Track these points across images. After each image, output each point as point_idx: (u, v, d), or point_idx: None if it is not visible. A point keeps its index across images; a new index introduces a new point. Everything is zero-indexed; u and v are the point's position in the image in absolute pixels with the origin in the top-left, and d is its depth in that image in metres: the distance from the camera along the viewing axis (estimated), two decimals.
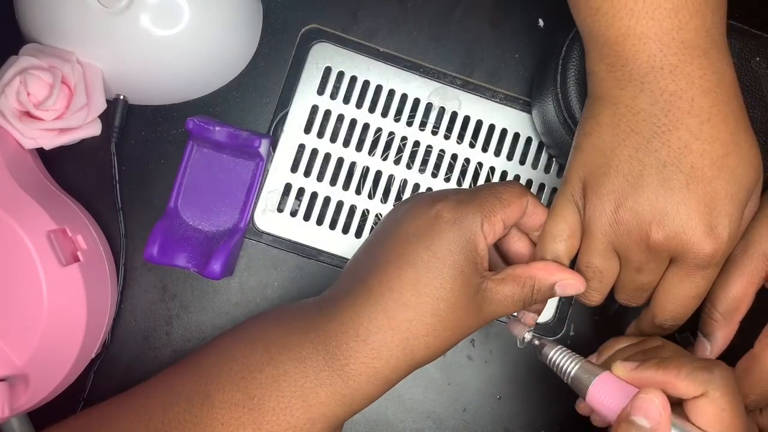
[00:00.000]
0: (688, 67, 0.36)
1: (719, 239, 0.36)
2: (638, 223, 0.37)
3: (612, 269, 0.40)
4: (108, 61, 0.46)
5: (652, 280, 0.40)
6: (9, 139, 0.44)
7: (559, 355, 0.39)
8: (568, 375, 0.38)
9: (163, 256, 0.47)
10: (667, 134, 0.36)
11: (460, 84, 0.52)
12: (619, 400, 0.35)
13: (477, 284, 0.37)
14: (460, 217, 0.37)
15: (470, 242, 0.37)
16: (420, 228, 0.37)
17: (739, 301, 0.42)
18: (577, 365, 0.38)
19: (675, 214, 0.36)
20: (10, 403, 0.41)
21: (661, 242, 0.37)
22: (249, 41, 0.50)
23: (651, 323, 0.42)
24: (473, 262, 0.37)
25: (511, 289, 0.38)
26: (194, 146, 0.48)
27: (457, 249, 0.37)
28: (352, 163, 0.51)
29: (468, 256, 0.37)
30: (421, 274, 0.36)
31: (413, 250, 0.37)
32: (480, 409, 0.51)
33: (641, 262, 0.38)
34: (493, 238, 0.38)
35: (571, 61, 0.44)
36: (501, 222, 0.38)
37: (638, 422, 0.34)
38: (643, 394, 0.34)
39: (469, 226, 0.37)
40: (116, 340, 0.49)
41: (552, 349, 0.39)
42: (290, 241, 0.51)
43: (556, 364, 0.39)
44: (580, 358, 0.38)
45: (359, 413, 0.50)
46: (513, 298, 0.38)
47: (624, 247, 0.38)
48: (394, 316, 0.36)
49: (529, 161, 0.52)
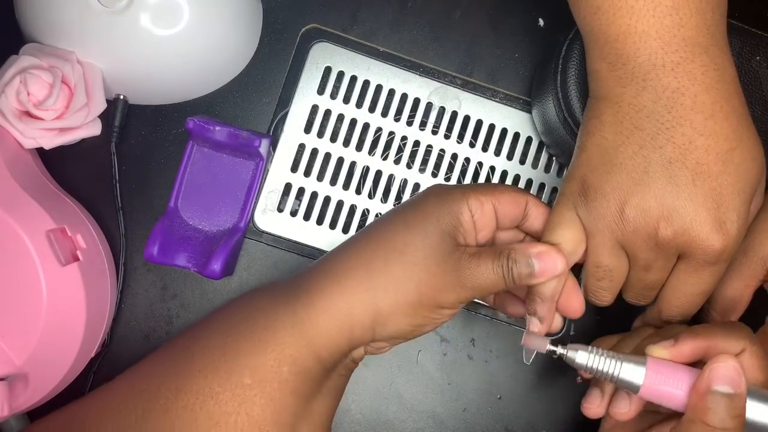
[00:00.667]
0: (690, 65, 0.36)
1: (728, 234, 0.36)
2: (645, 220, 0.37)
3: (621, 267, 0.39)
4: (108, 61, 0.46)
5: (660, 278, 0.39)
6: (9, 139, 0.44)
7: (595, 359, 0.37)
8: (613, 376, 0.37)
9: (163, 256, 0.47)
10: (671, 131, 0.36)
11: (460, 84, 0.52)
12: (680, 383, 0.35)
13: (453, 246, 0.37)
14: (447, 191, 0.39)
15: (453, 210, 0.38)
16: (409, 200, 0.40)
17: (736, 302, 0.42)
18: (620, 364, 0.36)
19: (683, 210, 0.36)
20: (9, 402, 0.41)
21: (669, 239, 0.36)
22: (249, 41, 0.50)
23: (658, 318, 0.41)
24: (453, 226, 0.38)
25: (488, 257, 0.37)
26: (194, 146, 0.48)
27: (438, 211, 0.38)
28: (352, 163, 0.51)
29: (449, 220, 0.38)
30: (398, 226, 0.38)
31: (396, 211, 0.40)
32: (480, 409, 0.51)
33: (649, 260, 0.38)
34: (483, 218, 0.38)
35: (572, 61, 0.44)
36: (491, 204, 0.39)
37: (722, 390, 0.34)
38: (720, 362, 0.35)
39: (455, 196, 0.38)
40: (116, 339, 0.49)
41: (585, 355, 0.37)
42: (290, 241, 0.51)
43: (596, 369, 0.37)
44: (613, 354, 0.37)
45: (359, 413, 0.50)
46: (489, 267, 0.37)
47: (631, 245, 0.38)
48: (367, 259, 0.38)
49: (529, 161, 0.52)
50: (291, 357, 0.37)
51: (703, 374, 0.35)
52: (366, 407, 0.50)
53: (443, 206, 0.38)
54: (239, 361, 0.38)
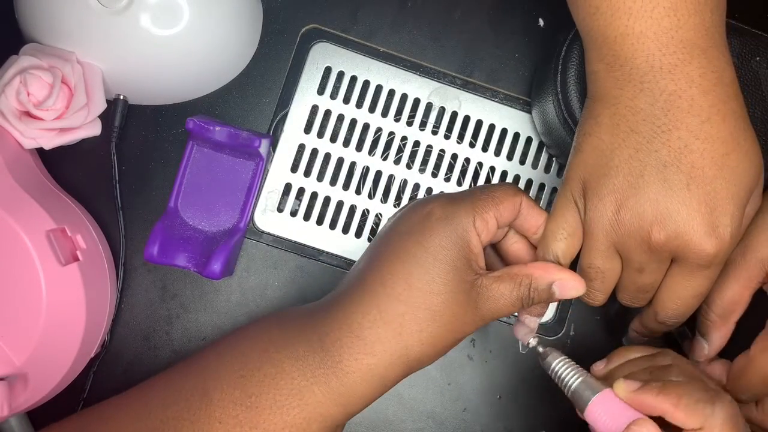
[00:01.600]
0: (687, 67, 0.36)
1: (721, 239, 0.36)
2: (639, 223, 0.37)
3: (614, 270, 0.40)
4: (108, 61, 0.46)
5: (653, 280, 0.39)
6: (9, 139, 0.44)
7: (561, 367, 0.39)
8: (568, 388, 0.38)
9: (163, 256, 0.47)
10: (667, 134, 0.36)
11: (460, 84, 0.52)
12: (616, 421, 0.35)
13: (471, 280, 0.37)
14: (451, 214, 0.37)
15: (462, 238, 0.37)
16: (412, 226, 0.38)
17: (734, 304, 0.42)
18: (578, 379, 0.38)
19: (676, 215, 0.36)
20: (9, 402, 0.41)
21: (662, 243, 0.37)
22: (249, 41, 0.50)
23: (653, 320, 0.42)
24: (466, 258, 0.37)
25: (508, 287, 0.37)
26: (194, 146, 0.48)
27: (449, 244, 0.36)
28: (352, 163, 0.51)
29: (460, 252, 0.37)
30: (413, 268, 0.36)
31: (405, 246, 0.37)
32: (480, 409, 0.51)
33: (643, 263, 0.38)
34: (488, 235, 0.38)
35: (571, 61, 0.44)
36: (494, 219, 0.38)
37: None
38: (635, 427, 0.34)
39: (461, 222, 0.37)
40: (116, 340, 0.49)
41: (555, 360, 0.39)
42: (290, 241, 0.51)
43: (558, 375, 0.39)
44: (582, 371, 0.38)
45: (359, 413, 0.50)
46: (510, 297, 0.37)
47: (625, 248, 0.38)
48: (386, 309, 0.36)
49: (529, 161, 0.52)
50: (321, 416, 0.36)
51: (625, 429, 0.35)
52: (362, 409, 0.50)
53: (450, 238, 0.37)
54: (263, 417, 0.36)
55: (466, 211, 0.37)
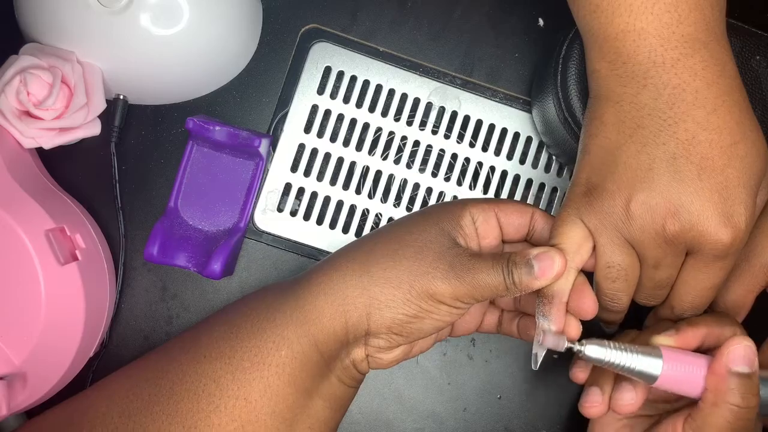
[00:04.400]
0: (690, 60, 0.36)
1: (736, 228, 0.36)
2: (652, 217, 0.36)
3: (634, 265, 0.39)
4: (108, 61, 0.46)
5: (670, 275, 0.39)
6: (9, 139, 0.44)
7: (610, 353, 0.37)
8: (629, 368, 0.37)
9: (163, 256, 0.47)
10: (673, 127, 0.36)
11: (460, 83, 0.52)
12: (695, 368, 0.37)
13: (452, 241, 0.38)
14: (449, 202, 0.40)
15: (455, 214, 0.39)
16: (412, 213, 0.42)
17: (738, 307, 0.42)
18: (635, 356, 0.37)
19: (690, 206, 0.36)
20: (8, 401, 0.41)
21: (677, 235, 0.36)
22: (249, 41, 0.50)
23: (670, 314, 0.41)
24: (452, 227, 0.39)
25: (487, 256, 0.37)
26: (194, 146, 0.48)
27: (441, 213, 0.39)
28: (352, 163, 0.51)
29: (450, 222, 0.39)
30: (402, 226, 0.40)
31: (405, 216, 0.42)
32: (480, 409, 0.51)
33: (658, 258, 0.38)
34: (484, 224, 0.39)
35: (572, 60, 0.44)
36: (493, 213, 0.39)
37: (741, 371, 0.36)
38: (737, 344, 0.37)
39: (457, 203, 0.40)
40: (116, 339, 0.49)
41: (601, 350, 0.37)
42: (290, 240, 0.51)
43: (611, 363, 0.37)
44: (625, 347, 0.37)
45: (359, 413, 0.50)
46: (488, 265, 0.37)
47: (639, 244, 0.37)
48: (362, 248, 0.39)
49: (529, 161, 0.52)
50: (288, 339, 0.38)
51: (720, 357, 0.37)
52: (366, 407, 0.50)
53: (445, 210, 0.39)
54: (242, 344, 0.39)
55: (464, 200, 0.40)
